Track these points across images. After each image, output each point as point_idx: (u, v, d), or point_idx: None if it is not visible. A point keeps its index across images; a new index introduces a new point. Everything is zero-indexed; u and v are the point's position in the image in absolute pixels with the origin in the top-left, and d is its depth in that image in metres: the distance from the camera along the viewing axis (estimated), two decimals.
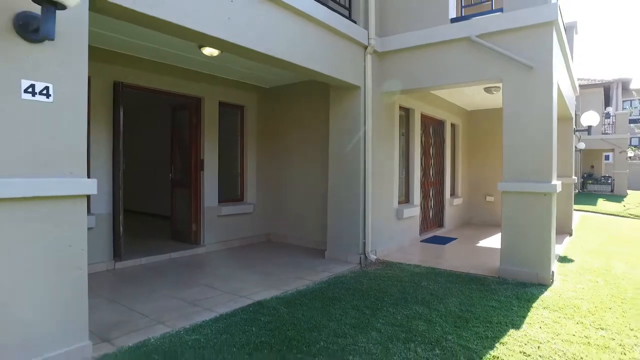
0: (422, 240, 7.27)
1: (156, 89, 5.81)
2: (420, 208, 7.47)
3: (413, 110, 7.15)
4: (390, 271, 5.18)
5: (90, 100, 4.28)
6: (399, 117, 6.66)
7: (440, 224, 8.48)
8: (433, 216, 8.25)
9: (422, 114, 7.46)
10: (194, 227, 6.38)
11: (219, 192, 6.59)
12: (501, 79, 4.96)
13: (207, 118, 6.38)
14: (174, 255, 5.90)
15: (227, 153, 6.87)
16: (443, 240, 7.32)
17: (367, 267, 5.45)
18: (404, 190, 7.12)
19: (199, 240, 6.36)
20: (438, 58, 5.42)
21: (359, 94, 5.63)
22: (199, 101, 6.38)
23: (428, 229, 7.93)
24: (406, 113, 7.10)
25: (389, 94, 6.02)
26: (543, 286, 4.53)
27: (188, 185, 6.43)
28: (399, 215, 6.53)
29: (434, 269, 5.29)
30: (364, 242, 5.67)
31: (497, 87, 6.75)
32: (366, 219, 5.67)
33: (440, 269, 5.30)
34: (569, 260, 5.89)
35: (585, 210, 13.11)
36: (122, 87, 5.26)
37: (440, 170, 8.44)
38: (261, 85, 7.27)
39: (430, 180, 8.03)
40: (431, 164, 8.08)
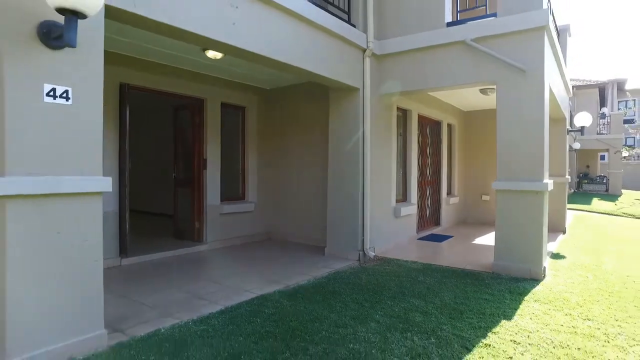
0: (419, 238, 7.45)
1: (160, 90, 5.96)
2: (418, 207, 7.65)
3: (410, 111, 7.33)
4: (388, 267, 5.36)
5: None
6: (397, 117, 6.83)
7: (437, 222, 8.67)
8: (430, 215, 8.43)
9: (419, 115, 7.64)
10: (196, 225, 6.54)
11: (221, 191, 6.75)
12: (495, 82, 5.14)
13: (209, 119, 6.54)
14: (177, 252, 6.05)
15: (228, 153, 7.03)
16: (439, 238, 7.50)
17: (366, 263, 5.63)
18: (402, 189, 7.29)
19: (201, 238, 6.52)
20: (434, 61, 5.59)
21: (357, 95, 5.80)
22: (201, 102, 6.54)
23: (425, 227, 8.11)
24: (404, 114, 7.28)
25: (387, 96, 6.20)
26: (535, 281, 4.71)
27: (191, 184, 6.58)
28: (396, 213, 6.71)
29: (430, 265, 5.47)
30: (363, 239, 5.84)
31: (492, 89, 6.93)
32: (365, 217, 5.84)
33: (437, 265, 5.48)
34: (561, 257, 6.07)
35: (580, 210, 13.32)
36: (128, 89, 5.42)
37: (437, 169, 8.63)
38: (262, 87, 7.43)
39: (427, 179, 8.21)
40: (428, 163, 8.26)
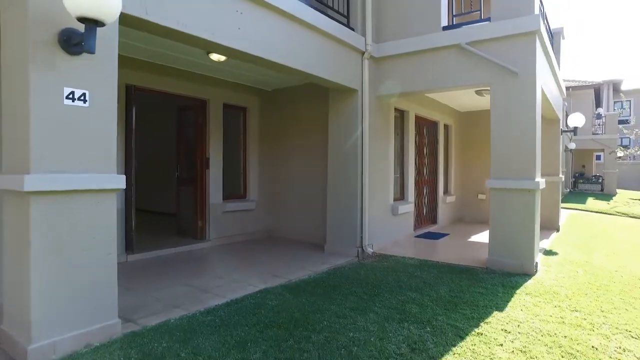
0: (416, 236, 7.63)
1: (164, 92, 6.13)
2: (415, 205, 7.84)
3: (408, 112, 7.51)
4: (386, 263, 5.54)
5: None
6: (395, 118, 7.01)
7: (433, 220, 8.86)
8: (427, 213, 8.62)
9: (416, 116, 7.83)
10: (199, 223, 6.71)
11: (223, 189, 6.92)
12: (489, 83, 5.33)
13: (212, 119, 6.72)
14: (181, 249, 6.22)
15: (230, 152, 7.20)
16: (436, 236, 7.69)
17: (365, 259, 5.81)
18: (399, 188, 7.48)
19: (204, 235, 6.69)
20: (431, 63, 5.77)
21: (356, 97, 5.98)
22: (204, 103, 6.71)
23: (422, 225, 8.30)
24: (401, 115, 7.47)
25: (384, 97, 6.38)
26: (527, 275, 4.90)
27: (194, 183, 6.75)
28: (394, 211, 6.89)
29: (427, 261, 5.65)
30: (362, 236, 6.02)
31: (488, 90, 7.09)
32: (363, 214, 6.02)
33: (433, 261, 5.66)
34: (553, 253, 6.26)
35: (574, 209, 13.53)
36: (134, 90, 5.58)
37: (433, 169, 8.82)
38: (263, 88, 7.61)
39: (424, 178, 8.40)
40: (425, 163, 8.44)
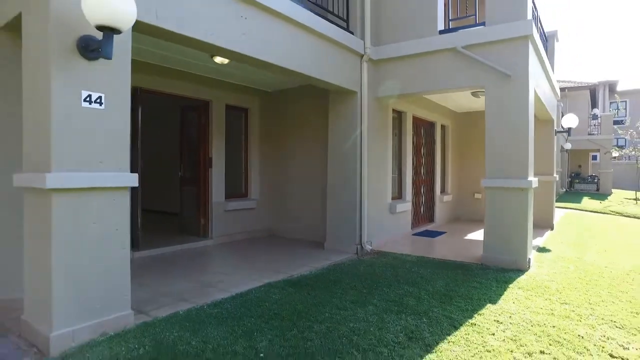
0: (414, 234, 7.82)
1: (169, 93, 6.29)
2: (412, 204, 8.03)
3: (405, 113, 7.70)
4: (384, 259, 5.72)
5: None
6: (393, 119, 7.20)
7: (431, 219, 9.04)
8: (424, 212, 8.80)
9: (413, 116, 8.01)
10: (202, 221, 6.88)
11: (225, 188, 7.08)
12: (484, 86, 5.52)
13: (214, 120, 6.88)
14: (185, 246, 6.39)
15: (232, 152, 7.37)
16: (433, 234, 7.87)
17: (363, 256, 5.99)
18: (397, 187, 7.66)
19: (207, 233, 6.85)
20: (428, 66, 5.96)
21: (355, 98, 6.16)
22: (207, 104, 6.87)
23: (419, 223, 8.49)
24: (399, 115, 7.65)
25: (383, 98, 6.56)
26: (520, 271, 5.09)
27: (197, 182, 6.92)
28: (392, 210, 7.08)
29: (424, 257, 5.84)
30: (360, 234, 6.20)
31: (483, 92, 7.30)
32: (362, 213, 6.20)
33: (430, 257, 5.84)
34: (546, 250, 6.46)
35: (570, 208, 13.74)
36: (140, 92, 5.74)
37: (431, 169, 9.01)
38: (264, 89, 7.78)
39: (421, 178, 8.58)
40: (422, 162, 8.63)
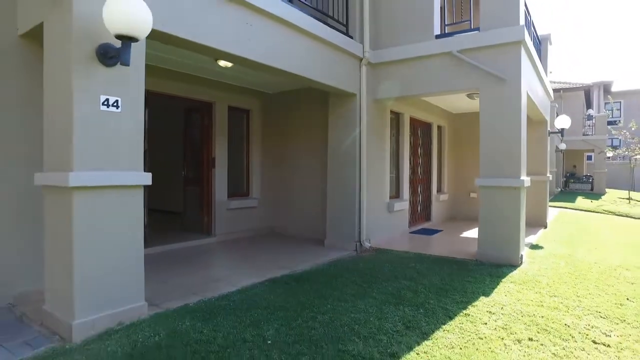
0: (411, 232, 8.03)
1: (173, 95, 6.49)
2: (410, 203, 8.24)
3: (403, 114, 7.91)
4: (382, 256, 5.93)
5: None
6: (390, 120, 7.41)
7: (427, 218, 9.26)
8: (421, 211, 9.02)
9: (411, 118, 8.23)
10: (205, 220, 7.07)
11: (228, 187, 7.28)
12: (478, 88, 5.74)
13: (217, 121, 7.08)
14: (189, 244, 6.58)
15: (234, 152, 7.57)
16: (430, 232, 8.09)
17: (362, 253, 6.19)
18: (395, 186, 7.87)
19: (210, 231, 7.05)
20: (425, 69, 6.16)
21: (355, 100, 6.37)
22: (210, 106, 7.07)
23: (416, 222, 8.70)
24: (397, 117, 7.86)
25: (381, 101, 6.77)
26: (513, 267, 5.31)
27: (200, 182, 7.11)
28: (390, 208, 7.29)
29: (420, 254, 6.05)
30: (359, 231, 6.41)
31: (478, 93, 7.53)
32: (361, 211, 6.41)
33: (427, 254, 6.06)
34: (539, 248, 6.68)
35: (564, 207, 14.00)
36: (147, 95, 5.91)
37: (427, 168, 9.22)
38: (265, 91, 7.98)
39: (418, 177, 8.80)
40: (419, 162, 8.85)
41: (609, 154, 20.98)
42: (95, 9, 2.93)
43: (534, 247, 6.77)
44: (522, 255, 5.51)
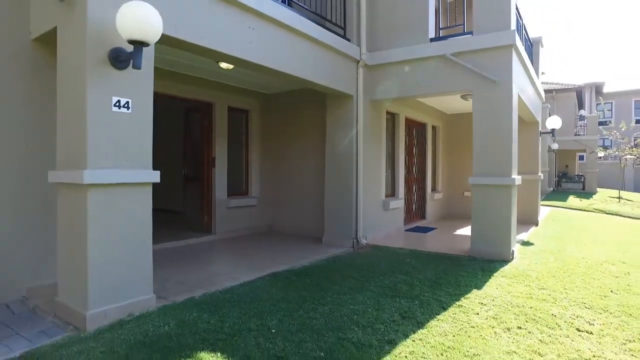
0: (406, 230, 8.23)
1: (174, 96, 6.63)
2: (405, 201, 8.44)
3: (398, 114, 8.11)
4: (379, 252, 6.12)
5: None
6: (386, 121, 7.60)
7: (422, 216, 9.47)
8: (416, 209, 9.23)
9: (406, 118, 8.43)
10: (206, 218, 7.23)
11: (227, 186, 7.44)
12: (471, 90, 5.94)
13: (217, 121, 7.23)
14: (190, 241, 6.73)
15: (234, 152, 7.72)
16: (424, 230, 8.29)
17: (359, 249, 6.38)
18: (390, 185, 8.07)
19: (210, 229, 7.20)
20: (420, 71, 6.36)
21: (352, 101, 6.55)
22: (210, 106, 7.22)
23: (411, 220, 8.91)
24: (392, 117, 8.06)
25: (377, 101, 6.96)
26: (504, 262, 5.51)
27: (201, 181, 7.26)
28: (385, 206, 7.48)
29: (416, 250, 6.25)
30: (356, 229, 6.59)
31: (472, 94, 7.74)
32: (358, 209, 6.59)
33: (422, 250, 6.25)
34: (530, 244, 6.90)
35: (555, 206, 14.29)
36: None
37: (422, 167, 9.44)
38: (264, 92, 8.14)
39: (413, 176, 9.01)
40: (414, 162, 9.06)
41: (600, 154, 21.37)
42: (107, 15, 3.09)
43: (525, 243, 6.99)
44: (513, 251, 5.72)
